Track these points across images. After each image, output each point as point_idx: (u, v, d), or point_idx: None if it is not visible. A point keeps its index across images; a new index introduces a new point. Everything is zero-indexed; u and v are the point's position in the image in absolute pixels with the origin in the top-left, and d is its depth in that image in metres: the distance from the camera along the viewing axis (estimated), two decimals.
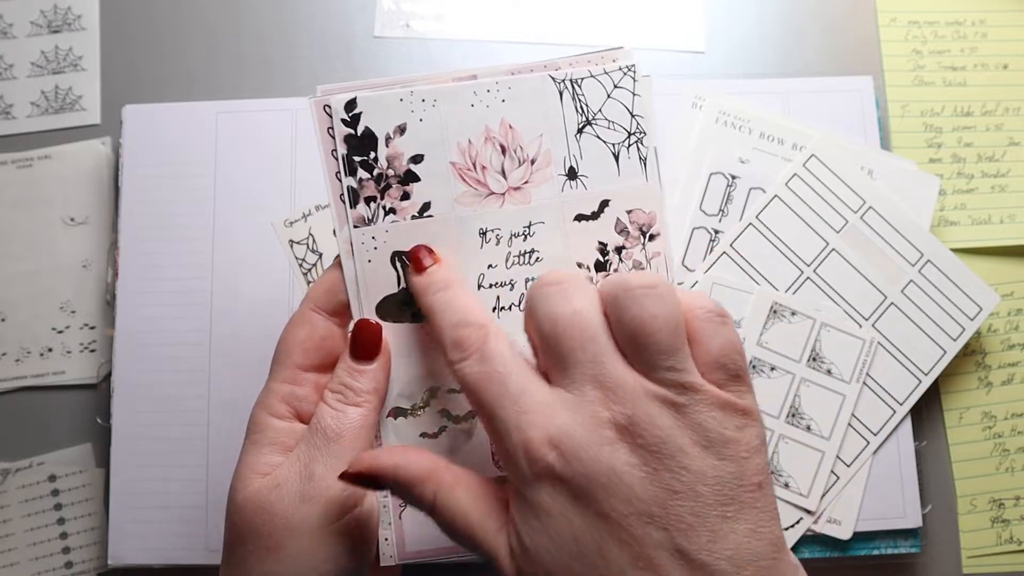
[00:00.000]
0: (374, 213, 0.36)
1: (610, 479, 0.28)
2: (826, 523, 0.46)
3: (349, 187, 0.36)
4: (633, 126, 0.37)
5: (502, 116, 0.36)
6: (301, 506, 0.33)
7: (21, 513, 0.48)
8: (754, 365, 0.47)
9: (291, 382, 0.35)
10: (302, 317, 0.36)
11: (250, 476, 0.34)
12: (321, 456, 0.34)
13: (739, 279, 0.48)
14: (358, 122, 0.36)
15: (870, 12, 0.54)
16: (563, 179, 0.37)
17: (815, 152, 0.49)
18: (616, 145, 0.37)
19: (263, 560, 0.33)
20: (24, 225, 0.51)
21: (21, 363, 0.50)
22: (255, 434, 0.35)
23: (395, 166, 0.36)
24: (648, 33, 0.54)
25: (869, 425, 0.46)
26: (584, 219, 0.37)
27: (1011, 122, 0.53)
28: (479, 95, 0.36)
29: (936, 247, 0.48)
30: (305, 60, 0.53)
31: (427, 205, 0.36)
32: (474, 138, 0.36)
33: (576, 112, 0.37)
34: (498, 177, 0.37)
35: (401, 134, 0.36)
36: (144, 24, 0.54)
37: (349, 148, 0.36)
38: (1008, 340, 0.50)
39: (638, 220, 0.37)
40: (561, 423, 0.29)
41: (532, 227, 0.37)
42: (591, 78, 0.37)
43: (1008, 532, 0.48)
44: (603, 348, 0.30)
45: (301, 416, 0.36)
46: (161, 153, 0.50)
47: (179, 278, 0.48)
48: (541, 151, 0.37)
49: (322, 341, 0.36)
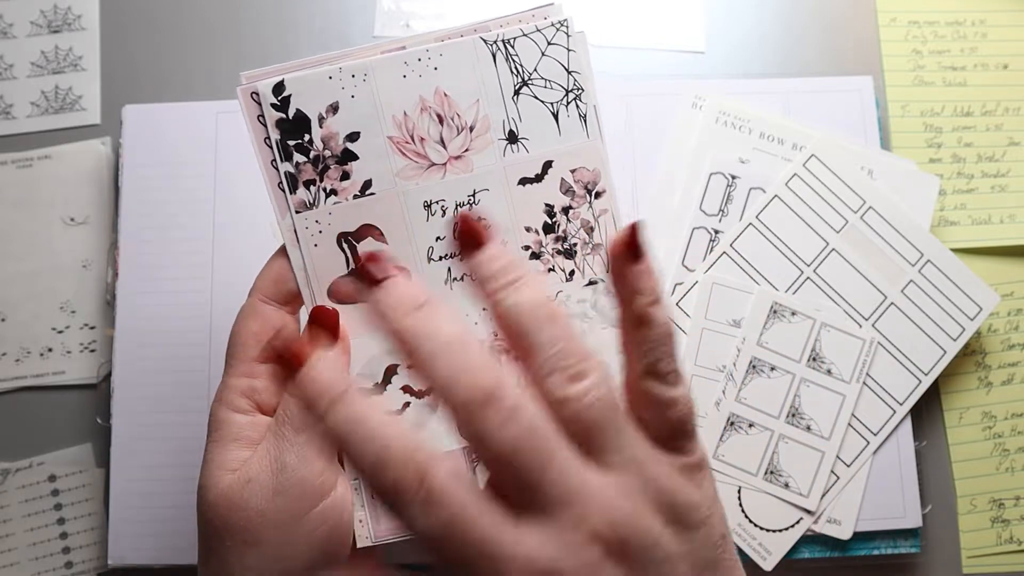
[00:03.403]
0: (315, 196, 0.35)
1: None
2: (826, 523, 0.46)
3: (287, 173, 0.35)
4: (570, 83, 0.36)
5: (436, 85, 0.36)
6: (276, 498, 0.33)
7: (21, 513, 0.48)
8: (754, 365, 0.47)
9: (248, 375, 0.35)
10: (252, 309, 0.36)
11: (219, 473, 0.34)
12: (291, 447, 0.34)
13: (739, 279, 0.48)
14: (288, 105, 0.35)
15: (870, 12, 0.54)
16: (504, 143, 0.36)
17: (815, 152, 0.49)
18: (555, 104, 0.36)
19: (243, 555, 0.33)
20: (24, 225, 0.51)
21: (21, 363, 0.50)
22: (217, 431, 0.35)
23: (331, 146, 0.35)
24: (648, 33, 0.54)
25: (869, 425, 0.46)
26: (528, 182, 0.37)
27: (1011, 122, 0.53)
28: (410, 65, 0.35)
29: (936, 247, 0.48)
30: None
31: (368, 183, 0.36)
32: (409, 110, 0.36)
33: (511, 73, 0.36)
34: (437, 147, 0.36)
35: (334, 113, 0.35)
36: (144, 24, 0.54)
37: (282, 133, 0.35)
38: (1008, 340, 0.50)
39: (583, 179, 0.37)
40: (546, 560, 0.27)
41: (477, 195, 0.36)
42: (523, 37, 0.36)
43: (1008, 532, 0.48)
44: (562, 456, 0.28)
45: (262, 408, 0.35)
46: (161, 153, 0.50)
47: (179, 278, 0.48)
48: (479, 117, 0.36)
49: (275, 332, 0.36)
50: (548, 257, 0.37)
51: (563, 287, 0.37)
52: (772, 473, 0.46)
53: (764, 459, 0.46)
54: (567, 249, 0.37)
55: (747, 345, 0.47)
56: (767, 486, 0.46)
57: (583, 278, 0.37)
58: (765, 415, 0.46)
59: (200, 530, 0.34)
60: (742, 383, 0.46)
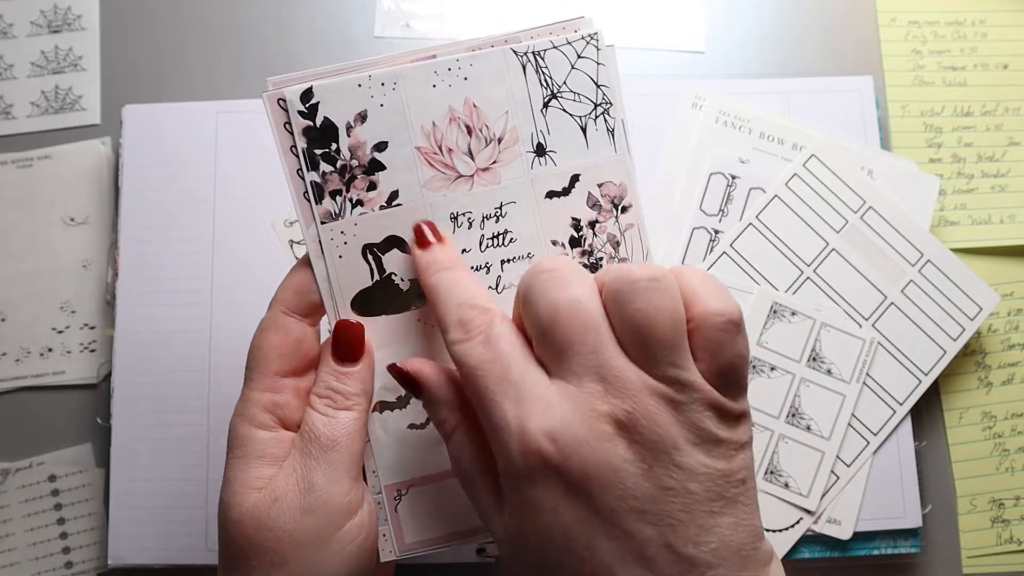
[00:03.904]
0: (341, 207, 0.35)
1: (606, 475, 0.28)
2: (826, 523, 0.46)
3: (312, 182, 0.35)
4: (599, 97, 0.36)
5: (465, 95, 0.35)
6: (304, 519, 0.33)
7: (21, 513, 0.48)
8: (754, 365, 0.47)
9: (271, 390, 0.35)
10: (273, 321, 0.35)
11: (243, 491, 0.33)
12: (318, 465, 0.33)
13: (739, 279, 0.48)
14: (316, 113, 0.34)
15: (870, 12, 0.54)
16: (532, 156, 0.36)
17: (815, 152, 0.49)
18: (583, 118, 0.36)
19: (269, 575, 0.33)
20: (24, 225, 0.51)
21: (21, 363, 0.50)
22: (240, 447, 0.34)
23: (359, 156, 0.35)
24: (648, 33, 0.54)
25: (869, 425, 0.46)
26: (555, 195, 0.36)
27: (1011, 122, 0.53)
28: (440, 75, 0.35)
29: (936, 247, 0.48)
30: (305, 60, 0.53)
31: (395, 194, 0.35)
32: (438, 120, 0.35)
33: (540, 86, 0.36)
34: (466, 159, 0.36)
35: (362, 122, 0.35)
36: (144, 24, 0.54)
37: (309, 141, 0.34)
38: (1008, 340, 0.50)
39: (609, 193, 0.37)
40: (560, 416, 0.29)
41: (503, 208, 0.36)
42: (554, 49, 0.36)
43: (1008, 532, 0.48)
44: (603, 339, 0.30)
45: (285, 424, 0.35)
46: (161, 153, 0.50)
47: (179, 278, 0.48)
48: (508, 129, 0.36)
49: (297, 344, 0.35)
50: None
51: None
52: (772, 473, 0.46)
53: (764, 459, 0.46)
54: (593, 263, 0.37)
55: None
56: (767, 486, 0.46)
57: None
58: (765, 415, 0.46)
59: (222, 548, 0.34)
60: None
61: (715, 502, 0.29)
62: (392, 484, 0.36)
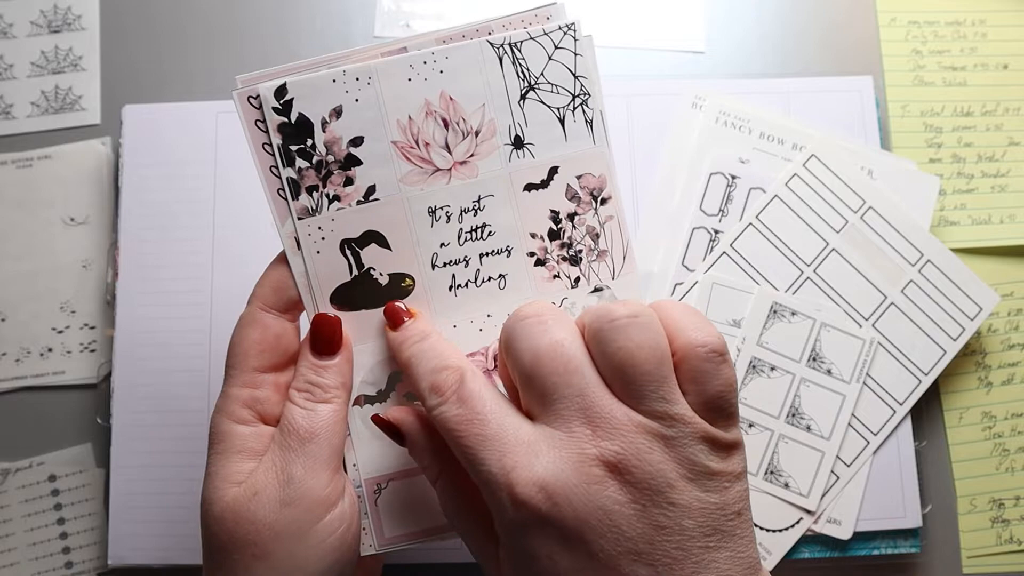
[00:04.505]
0: (318, 202, 0.35)
1: (600, 519, 0.28)
2: (826, 523, 0.46)
3: (288, 178, 0.35)
4: (577, 88, 0.36)
5: (441, 88, 0.35)
6: (284, 511, 0.33)
7: (21, 513, 0.48)
8: (754, 365, 0.47)
9: (250, 385, 0.35)
10: (252, 317, 0.35)
11: (223, 486, 0.34)
12: (297, 458, 0.33)
13: (739, 279, 0.48)
14: (291, 109, 0.34)
15: (870, 12, 0.54)
16: (509, 148, 0.36)
17: (815, 152, 0.49)
18: (561, 109, 0.36)
19: (251, 569, 0.33)
20: (24, 225, 0.51)
21: (21, 363, 0.50)
22: (220, 443, 0.34)
23: (334, 151, 0.35)
24: (648, 33, 0.54)
25: (869, 425, 0.46)
26: (534, 188, 0.36)
27: (1011, 122, 0.53)
28: (416, 68, 0.35)
29: (936, 247, 0.48)
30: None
31: (372, 189, 0.35)
32: (414, 114, 0.35)
33: (518, 77, 0.35)
34: (442, 152, 0.35)
35: (337, 117, 0.34)
36: (144, 24, 0.54)
37: (284, 137, 0.34)
38: (1008, 340, 0.50)
39: (588, 185, 0.36)
40: (548, 463, 0.29)
41: (482, 201, 0.36)
42: (531, 40, 0.35)
43: (1008, 532, 0.48)
44: (588, 380, 0.30)
45: (265, 419, 0.35)
46: (161, 153, 0.50)
47: (179, 278, 0.48)
48: (485, 121, 0.36)
49: (276, 340, 0.35)
50: (553, 264, 0.37)
51: (568, 294, 0.37)
52: (772, 473, 0.46)
53: (764, 459, 0.46)
54: (572, 256, 0.37)
55: (747, 345, 0.47)
56: (767, 486, 0.46)
57: (588, 285, 0.37)
58: (765, 415, 0.46)
59: (205, 543, 0.34)
60: (742, 383, 0.46)
61: (710, 537, 0.29)
62: (372, 478, 0.36)
